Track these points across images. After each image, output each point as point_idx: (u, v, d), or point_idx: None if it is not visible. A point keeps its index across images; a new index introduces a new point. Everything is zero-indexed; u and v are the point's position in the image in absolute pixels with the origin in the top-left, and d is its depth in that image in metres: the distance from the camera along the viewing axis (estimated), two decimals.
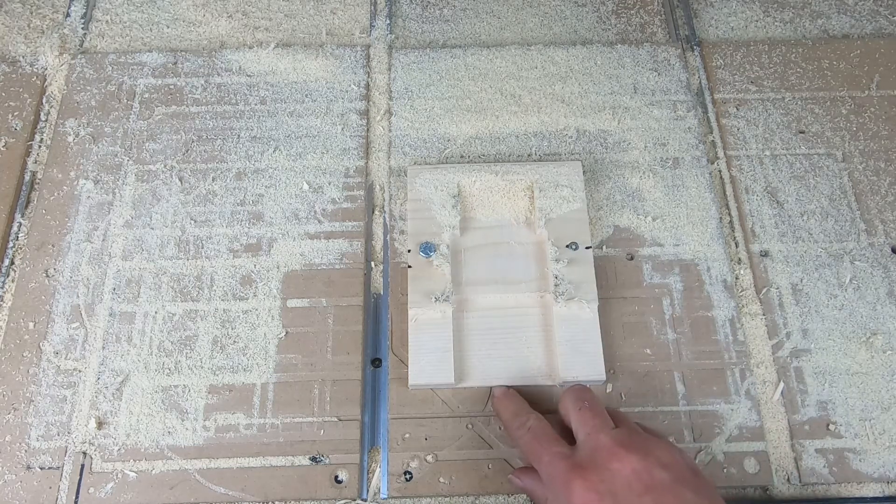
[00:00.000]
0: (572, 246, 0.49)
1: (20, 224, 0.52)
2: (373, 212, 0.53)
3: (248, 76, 0.58)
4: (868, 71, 0.59)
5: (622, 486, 0.35)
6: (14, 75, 0.59)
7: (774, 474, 0.44)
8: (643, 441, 0.37)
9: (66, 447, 0.45)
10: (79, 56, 0.59)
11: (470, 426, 0.45)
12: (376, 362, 0.48)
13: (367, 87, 0.58)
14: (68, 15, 0.62)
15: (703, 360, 0.47)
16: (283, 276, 0.50)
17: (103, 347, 0.47)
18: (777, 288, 0.50)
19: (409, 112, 0.57)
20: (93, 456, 0.44)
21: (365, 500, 0.44)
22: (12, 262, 0.51)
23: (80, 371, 0.47)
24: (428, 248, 0.48)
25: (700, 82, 0.59)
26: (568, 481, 0.36)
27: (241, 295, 0.49)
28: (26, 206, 0.53)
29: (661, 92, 0.58)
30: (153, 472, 0.44)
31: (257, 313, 0.49)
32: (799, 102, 0.58)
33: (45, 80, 0.59)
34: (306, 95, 0.57)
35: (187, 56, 0.59)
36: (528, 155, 0.55)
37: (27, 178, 0.54)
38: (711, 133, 0.57)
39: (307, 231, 0.52)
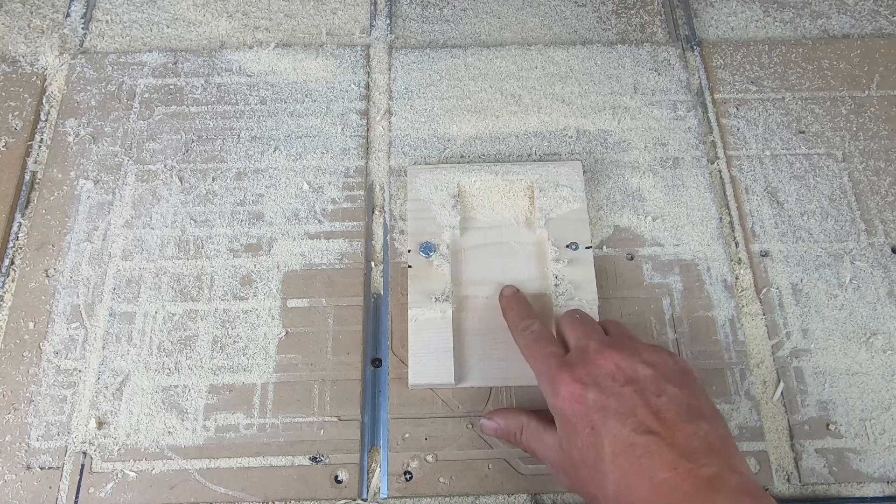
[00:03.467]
0: (572, 246, 0.49)
1: (20, 224, 0.52)
2: (373, 212, 0.53)
3: (248, 76, 0.58)
4: (868, 71, 0.59)
5: (605, 377, 0.37)
6: (14, 75, 0.59)
7: (774, 474, 0.44)
8: (630, 343, 0.39)
9: (66, 447, 0.45)
10: (79, 56, 0.59)
11: (470, 426, 0.45)
12: (376, 362, 0.48)
13: (367, 87, 0.58)
14: (68, 15, 0.62)
15: (702, 360, 0.47)
16: (283, 276, 0.50)
17: (103, 347, 0.47)
18: (777, 288, 0.50)
19: (409, 112, 0.57)
20: (93, 456, 0.44)
21: (365, 500, 0.44)
22: (12, 262, 0.51)
23: (80, 371, 0.47)
24: (428, 248, 0.48)
25: (700, 82, 0.59)
26: (556, 376, 0.38)
27: (241, 295, 0.49)
28: (26, 206, 0.53)
29: (661, 92, 0.58)
30: (153, 472, 0.44)
31: (257, 313, 0.49)
32: (799, 102, 0.58)
33: (45, 80, 0.59)
34: (306, 95, 0.57)
35: (187, 56, 0.59)
36: (528, 155, 0.55)
37: (27, 178, 0.54)
38: (711, 133, 0.57)
39: (307, 231, 0.52)
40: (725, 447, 0.34)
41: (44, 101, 0.58)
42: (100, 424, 0.45)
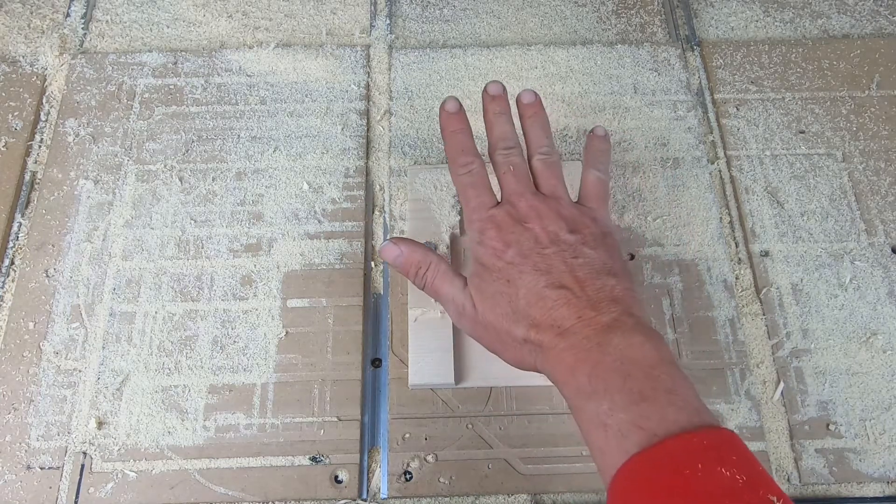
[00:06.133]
0: None
1: (20, 224, 0.52)
2: (373, 212, 0.53)
3: (248, 76, 0.58)
4: (868, 71, 0.59)
5: (529, 239, 0.39)
6: (14, 75, 0.59)
7: (774, 474, 0.44)
8: (559, 209, 0.40)
9: (66, 447, 0.45)
10: (79, 56, 0.59)
11: (470, 426, 0.45)
12: (376, 362, 0.48)
13: (367, 87, 0.58)
14: (68, 15, 0.62)
15: (703, 360, 0.47)
16: (283, 276, 0.50)
17: (103, 347, 0.47)
18: (777, 288, 0.50)
19: (409, 112, 0.57)
20: (93, 456, 0.44)
21: (365, 500, 0.44)
22: (12, 262, 0.51)
23: (80, 371, 0.47)
24: None
25: (700, 82, 0.59)
26: (483, 228, 0.40)
27: (241, 295, 0.49)
28: (26, 206, 0.53)
29: (661, 92, 0.58)
30: (153, 472, 0.44)
31: (257, 313, 0.49)
32: (799, 102, 0.58)
33: (45, 80, 0.59)
34: (306, 95, 0.57)
35: (187, 56, 0.59)
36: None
37: (27, 178, 0.54)
38: (711, 133, 0.57)
39: (307, 231, 0.52)
40: (628, 298, 0.37)
41: (44, 101, 0.58)
42: (100, 424, 0.45)
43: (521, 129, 0.44)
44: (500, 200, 0.42)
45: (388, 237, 0.51)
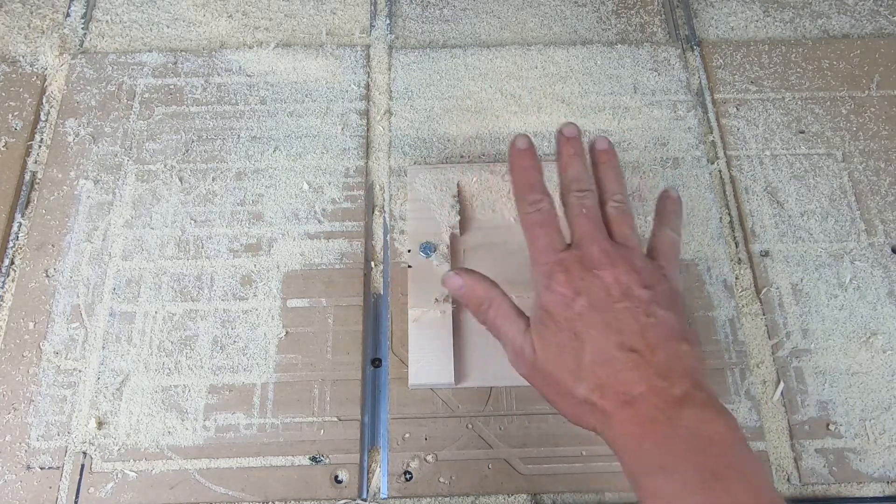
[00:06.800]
0: None
1: (20, 224, 0.52)
2: (373, 212, 0.53)
3: (248, 76, 0.58)
4: (868, 71, 0.59)
5: (600, 289, 0.36)
6: (14, 75, 0.59)
7: (774, 474, 0.44)
8: (630, 256, 0.38)
9: (66, 447, 0.45)
10: (79, 56, 0.59)
11: (470, 426, 0.45)
12: (376, 362, 0.48)
13: (367, 87, 0.58)
14: (68, 15, 0.62)
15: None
16: (283, 276, 0.50)
17: (103, 347, 0.47)
18: (777, 288, 0.50)
19: (409, 112, 0.57)
20: (93, 456, 0.44)
21: (365, 500, 0.44)
22: (12, 262, 0.51)
23: (80, 371, 0.47)
24: (428, 248, 0.48)
25: (700, 82, 0.59)
26: (552, 272, 0.38)
27: (241, 295, 0.49)
28: (26, 206, 0.53)
29: (661, 92, 0.58)
30: (153, 472, 0.44)
31: (257, 313, 0.49)
32: (799, 102, 0.58)
33: (45, 80, 0.59)
34: (306, 95, 0.57)
35: (187, 56, 0.59)
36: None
37: (27, 178, 0.54)
38: (711, 133, 0.57)
39: (307, 231, 0.52)
40: (697, 369, 0.35)
41: (44, 101, 0.58)
42: (100, 424, 0.45)
43: (594, 175, 0.42)
44: (569, 243, 0.39)
45: (387, 236, 0.51)
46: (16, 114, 0.57)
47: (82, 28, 0.61)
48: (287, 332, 0.48)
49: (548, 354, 0.37)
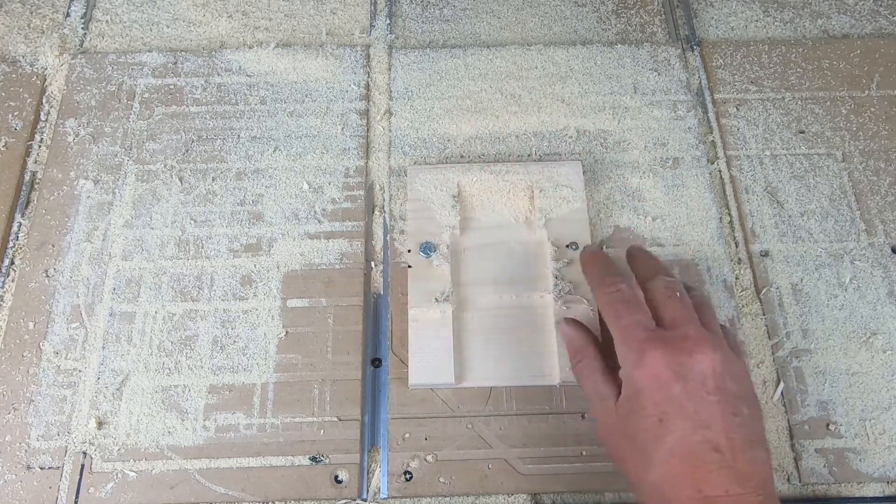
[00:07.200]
0: (572, 246, 0.49)
1: (20, 224, 0.52)
2: (373, 212, 0.53)
3: (248, 76, 0.58)
4: (868, 71, 0.59)
5: (697, 376, 0.35)
6: (14, 75, 0.59)
7: (774, 474, 0.44)
8: (722, 344, 0.37)
9: (66, 447, 0.45)
10: (79, 56, 0.59)
11: (470, 426, 0.45)
12: (376, 362, 0.48)
13: (367, 87, 0.58)
14: (68, 15, 0.62)
15: None
16: (283, 276, 0.50)
17: (103, 347, 0.47)
18: (777, 288, 0.50)
19: (409, 112, 0.57)
20: (93, 456, 0.44)
21: (365, 500, 0.44)
22: (12, 262, 0.51)
23: (80, 371, 0.47)
24: (428, 248, 0.48)
25: (700, 82, 0.59)
26: (645, 349, 0.36)
27: (241, 295, 0.49)
28: (26, 206, 0.53)
29: (661, 92, 0.58)
30: (153, 472, 0.44)
31: (257, 313, 0.49)
32: (799, 102, 0.58)
33: (45, 80, 0.59)
34: (306, 95, 0.57)
35: (187, 56, 0.59)
36: (528, 155, 0.55)
37: (27, 178, 0.54)
38: (711, 133, 0.57)
39: (307, 231, 0.52)
40: (771, 477, 0.35)
41: (44, 101, 0.58)
42: (100, 424, 0.45)
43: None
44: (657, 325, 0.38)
45: (387, 236, 0.51)
46: (16, 114, 0.57)
47: (82, 28, 0.61)
48: (287, 332, 0.48)
49: (627, 430, 0.36)
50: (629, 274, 0.42)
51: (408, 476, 0.44)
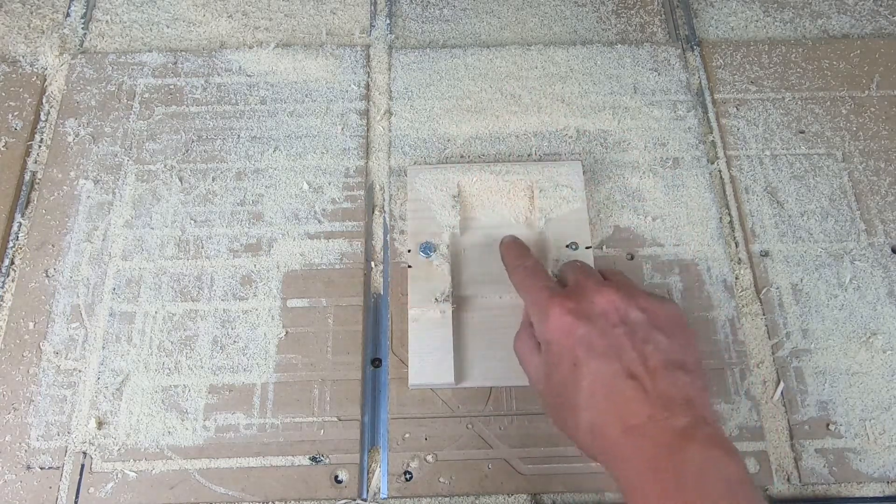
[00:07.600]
0: (572, 246, 0.49)
1: (20, 224, 0.52)
2: (373, 212, 0.53)
3: (248, 76, 0.58)
4: (868, 71, 0.59)
5: (598, 315, 0.36)
6: (14, 75, 0.59)
7: (774, 474, 0.44)
8: (627, 286, 0.39)
9: (66, 447, 0.45)
10: (79, 56, 0.59)
11: (470, 426, 0.45)
12: (376, 362, 0.48)
13: (367, 87, 0.58)
14: (68, 15, 0.62)
15: (703, 360, 0.47)
16: (283, 276, 0.50)
17: (103, 347, 0.47)
18: (777, 288, 0.50)
19: (409, 112, 0.57)
20: (93, 456, 0.44)
21: (365, 500, 0.44)
22: (12, 262, 0.51)
23: (80, 371, 0.47)
24: (428, 248, 0.48)
25: (700, 82, 0.59)
26: (548, 305, 0.38)
27: (241, 295, 0.49)
28: (26, 206, 0.53)
29: (661, 92, 0.58)
30: (153, 472, 0.44)
31: (257, 313, 0.49)
32: (799, 102, 0.58)
33: (45, 80, 0.59)
34: (306, 95, 0.57)
35: (187, 56, 0.59)
36: (528, 155, 0.55)
37: (27, 178, 0.54)
38: (711, 133, 0.57)
39: (307, 231, 0.52)
40: (701, 400, 0.34)
41: (44, 101, 0.58)
42: (100, 424, 0.45)
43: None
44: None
45: (387, 236, 0.51)
46: (16, 114, 0.57)
47: (82, 28, 0.61)
48: (287, 332, 0.48)
49: (553, 389, 0.37)
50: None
51: (408, 476, 0.44)
